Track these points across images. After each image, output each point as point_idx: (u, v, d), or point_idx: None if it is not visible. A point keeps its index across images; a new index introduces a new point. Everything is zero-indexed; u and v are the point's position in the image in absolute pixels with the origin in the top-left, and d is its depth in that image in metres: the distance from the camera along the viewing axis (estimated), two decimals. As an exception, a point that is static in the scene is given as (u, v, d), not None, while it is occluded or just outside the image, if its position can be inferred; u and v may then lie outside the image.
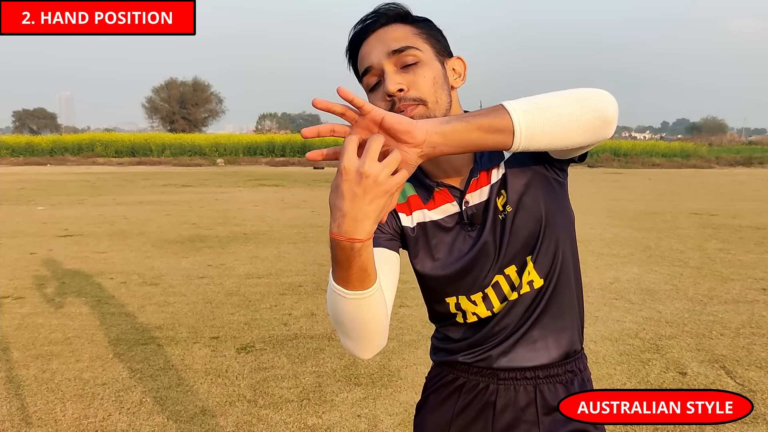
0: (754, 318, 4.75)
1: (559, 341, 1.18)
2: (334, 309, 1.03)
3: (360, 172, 0.85)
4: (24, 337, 4.30)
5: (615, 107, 0.96)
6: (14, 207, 12.21)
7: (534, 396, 1.17)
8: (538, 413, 1.17)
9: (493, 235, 1.13)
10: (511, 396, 1.17)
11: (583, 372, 1.22)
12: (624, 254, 7.29)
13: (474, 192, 1.14)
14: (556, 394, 1.17)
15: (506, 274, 1.15)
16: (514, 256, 1.14)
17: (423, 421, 1.28)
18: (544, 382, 1.17)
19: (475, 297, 1.17)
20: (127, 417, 3.13)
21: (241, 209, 11.92)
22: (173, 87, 59.72)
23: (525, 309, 1.16)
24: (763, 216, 10.89)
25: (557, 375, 1.18)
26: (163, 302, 5.19)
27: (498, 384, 1.18)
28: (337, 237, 0.90)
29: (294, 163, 32.36)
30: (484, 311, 1.17)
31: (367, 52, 1.11)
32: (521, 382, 1.17)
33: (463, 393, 1.21)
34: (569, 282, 1.20)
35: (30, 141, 38.01)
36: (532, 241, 1.13)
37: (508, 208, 1.12)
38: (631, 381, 3.56)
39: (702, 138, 52.18)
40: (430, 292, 1.23)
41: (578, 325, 1.22)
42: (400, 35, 1.10)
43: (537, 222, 1.13)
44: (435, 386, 1.27)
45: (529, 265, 1.14)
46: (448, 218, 1.16)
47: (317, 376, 3.64)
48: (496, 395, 1.18)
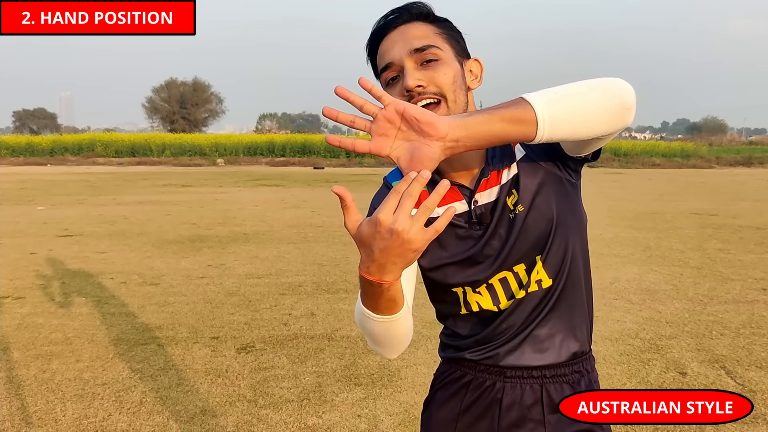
0: (754, 318, 4.75)
1: (566, 342, 1.18)
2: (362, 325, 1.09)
3: (392, 229, 0.87)
4: (24, 337, 4.30)
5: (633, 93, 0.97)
6: (14, 207, 12.21)
7: (540, 395, 1.16)
8: (544, 412, 1.16)
9: (503, 232, 1.13)
10: (517, 394, 1.17)
11: (590, 373, 1.22)
12: (624, 254, 7.29)
13: (484, 191, 1.14)
14: (563, 393, 1.17)
15: (515, 271, 1.15)
16: (523, 254, 1.14)
17: (430, 417, 1.28)
18: (550, 382, 1.17)
19: (481, 289, 1.17)
20: (127, 417, 3.13)
21: (241, 209, 11.92)
22: (173, 87, 59.71)
23: (533, 308, 1.15)
24: (763, 216, 10.89)
25: (564, 375, 1.18)
26: (163, 302, 5.20)
27: (504, 382, 1.18)
28: (366, 276, 0.95)
29: (294, 163, 32.36)
30: (489, 304, 1.17)
31: (388, 48, 1.12)
32: (528, 381, 1.17)
33: (470, 390, 1.21)
34: (579, 283, 1.19)
35: (30, 141, 38.00)
36: (543, 241, 1.13)
37: (520, 207, 1.12)
38: (631, 381, 3.56)
39: (702, 138, 52.12)
40: (435, 284, 1.22)
41: (587, 326, 1.21)
42: (422, 33, 1.11)
43: (548, 222, 1.13)
44: (442, 383, 1.28)
45: (538, 264, 1.14)
46: (457, 217, 1.15)
47: (317, 376, 3.64)
48: (503, 393, 1.18)
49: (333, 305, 5.10)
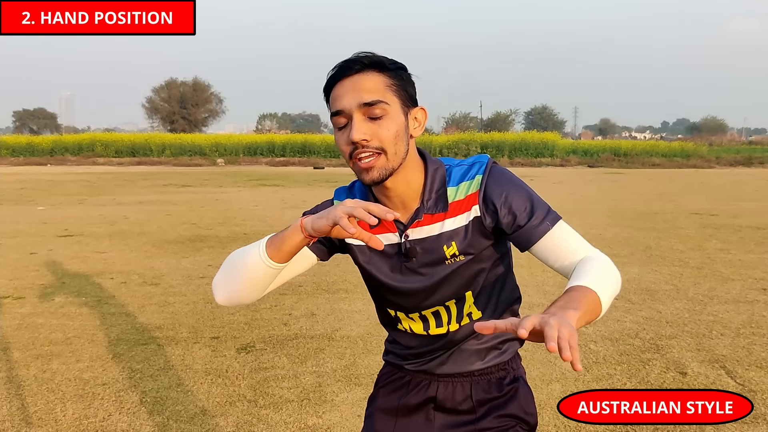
0: (754, 318, 4.75)
1: (493, 352, 1.34)
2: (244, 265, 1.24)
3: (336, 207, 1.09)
4: (24, 337, 4.30)
5: None
6: (14, 207, 12.22)
7: (470, 392, 1.34)
8: (474, 404, 1.34)
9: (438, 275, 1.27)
10: (449, 391, 1.35)
11: (516, 370, 1.38)
12: (624, 254, 7.29)
13: (415, 229, 1.26)
14: (490, 389, 1.34)
15: (447, 305, 1.30)
16: (455, 292, 1.29)
17: (374, 412, 1.45)
18: (478, 381, 1.34)
19: (414, 316, 1.33)
20: (127, 417, 3.13)
21: (241, 209, 11.92)
22: (173, 87, 59.73)
23: (465, 335, 1.32)
24: (763, 216, 10.89)
25: (491, 374, 1.35)
26: (163, 302, 5.20)
27: (439, 382, 1.36)
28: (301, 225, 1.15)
29: (294, 163, 32.37)
30: (420, 329, 1.34)
31: (339, 95, 1.18)
32: (459, 380, 1.35)
33: (410, 388, 1.40)
34: (508, 302, 1.36)
35: (30, 141, 38.03)
36: (474, 279, 1.28)
37: (461, 258, 1.26)
38: (631, 381, 3.56)
39: (702, 138, 52.06)
40: (375, 295, 1.39)
41: (514, 342, 1.37)
42: (373, 86, 1.16)
43: (482, 265, 1.28)
44: (385, 382, 1.46)
45: (469, 300, 1.30)
46: (389, 246, 1.29)
47: (317, 376, 3.64)
48: (437, 391, 1.36)
49: (333, 305, 5.10)
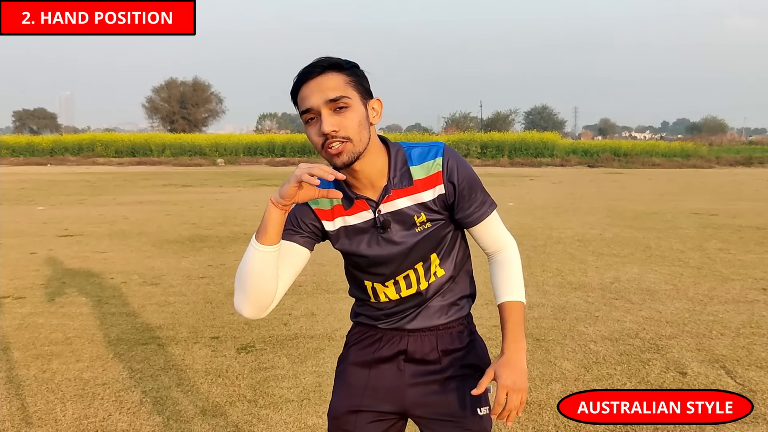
0: (754, 318, 4.75)
1: (453, 308, 1.58)
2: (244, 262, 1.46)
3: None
4: (24, 337, 4.30)
5: None
6: (14, 207, 12.22)
7: (436, 344, 1.57)
8: (439, 354, 1.57)
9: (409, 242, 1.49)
10: (419, 344, 1.57)
11: (470, 325, 1.64)
12: (624, 254, 7.29)
13: (386, 203, 1.48)
14: (452, 340, 1.59)
15: (416, 268, 1.52)
16: (423, 255, 1.52)
17: (345, 368, 1.63)
18: (442, 334, 1.58)
19: (389, 283, 1.54)
20: (128, 417, 3.13)
21: (241, 209, 11.93)
22: (173, 87, 59.68)
23: (432, 293, 1.55)
24: (763, 216, 10.89)
25: (452, 328, 1.59)
26: (163, 302, 5.20)
27: (409, 336, 1.57)
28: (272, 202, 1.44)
29: (294, 163, 32.34)
30: (393, 294, 1.55)
31: (307, 95, 1.38)
32: (426, 334, 1.57)
33: (382, 343, 1.59)
34: (465, 268, 1.60)
35: (30, 141, 38.04)
36: (440, 243, 1.53)
37: (428, 225, 1.49)
38: (631, 381, 3.56)
39: (702, 138, 52.01)
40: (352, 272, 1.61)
41: (469, 298, 1.63)
42: (335, 84, 1.38)
43: (445, 231, 1.53)
44: (356, 340, 1.64)
45: (434, 261, 1.53)
46: (364, 223, 1.50)
47: (317, 376, 3.64)
48: (408, 344, 1.57)
49: (333, 305, 5.10)
